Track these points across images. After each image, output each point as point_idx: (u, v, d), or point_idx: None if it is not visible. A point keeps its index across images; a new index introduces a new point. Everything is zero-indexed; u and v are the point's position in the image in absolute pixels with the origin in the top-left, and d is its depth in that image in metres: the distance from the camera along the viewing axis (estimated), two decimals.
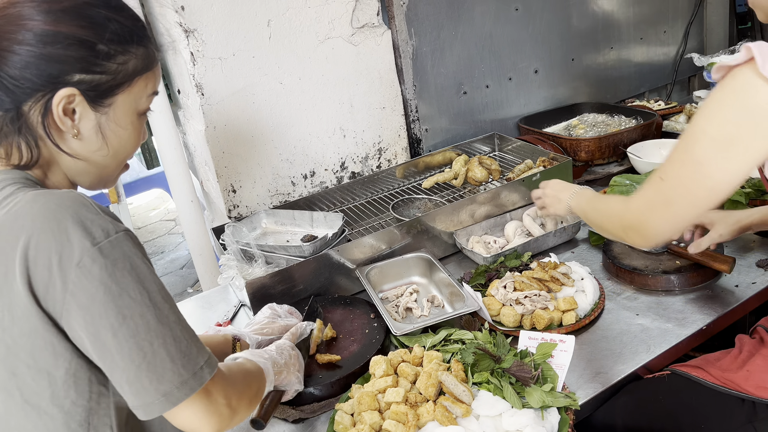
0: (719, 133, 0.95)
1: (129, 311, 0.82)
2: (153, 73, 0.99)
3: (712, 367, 1.19)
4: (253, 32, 1.81)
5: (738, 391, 1.13)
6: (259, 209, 1.96)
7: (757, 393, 1.11)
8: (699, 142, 0.97)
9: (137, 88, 0.96)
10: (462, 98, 2.29)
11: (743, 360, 1.17)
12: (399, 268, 1.69)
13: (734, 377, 1.15)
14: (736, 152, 0.94)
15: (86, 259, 0.80)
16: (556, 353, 1.28)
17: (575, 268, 1.55)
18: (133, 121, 0.98)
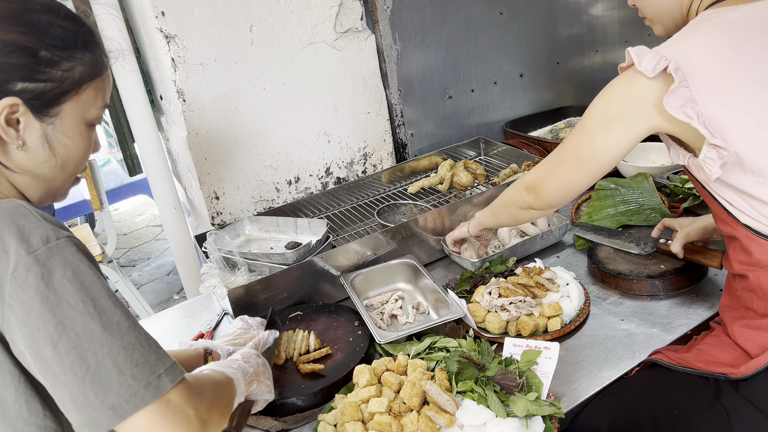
0: (605, 109, 1.14)
1: (69, 321, 0.77)
2: (102, 80, 0.95)
3: (669, 352, 1.26)
4: (235, 38, 1.79)
5: (691, 368, 1.18)
6: (242, 216, 1.94)
7: (707, 368, 1.16)
8: (590, 115, 1.18)
9: (86, 96, 0.92)
10: (447, 102, 2.28)
11: (694, 344, 1.25)
12: (384, 274, 1.68)
13: (686, 356, 1.21)
14: (616, 126, 1.13)
15: (21, 269, 0.76)
16: (540, 360, 1.27)
17: (560, 273, 1.55)
18: (81, 131, 0.94)
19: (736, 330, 1.16)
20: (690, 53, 1.05)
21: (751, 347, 1.12)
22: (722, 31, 1.08)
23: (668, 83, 1.05)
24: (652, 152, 2.09)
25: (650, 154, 2.09)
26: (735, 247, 1.17)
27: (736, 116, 1.04)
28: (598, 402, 1.24)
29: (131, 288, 3.10)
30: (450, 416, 1.13)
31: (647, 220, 1.73)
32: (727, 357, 1.15)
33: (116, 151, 2.43)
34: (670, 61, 1.03)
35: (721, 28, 1.08)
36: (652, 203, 1.79)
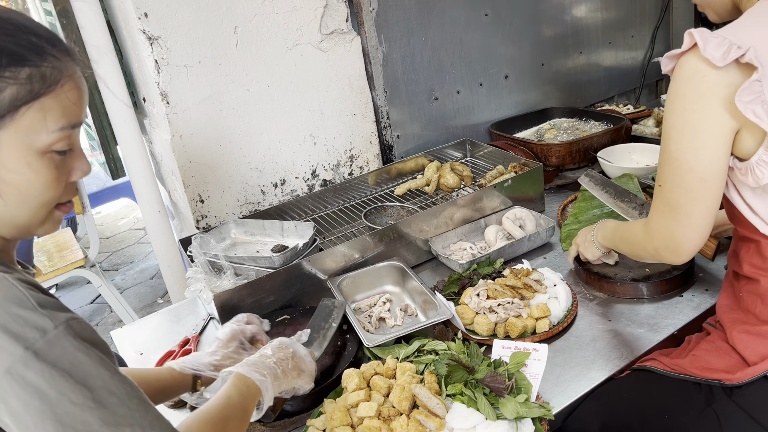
0: (683, 124, 1.01)
1: (69, 418, 0.71)
2: (54, 98, 0.79)
3: (663, 357, 1.23)
4: (219, 39, 1.77)
5: (686, 374, 1.16)
6: (228, 219, 1.92)
7: (702, 374, 1.14)
8: (670, 139, 1.03)
9: (27, 121, 0.77)
10: (433, 104, 2.28)
11: (690, 349, 1.22)
12: (372, 277, 1.67)
13: (681, 362, 1.19)
14: (704, 138, 0.99)
15: (18, 365, 0.70)
16: (529, 362, 1.27)
17: (548, 275, 1.55)
18: (31, 162, 0.78)
19: (736, 335, 1.13)
20: (764, 43, 0.95)
21: (749, 354, 1.10)
22: None
23: (741, 74, 0.96)
24: (635, 153, 2.10)
25: (633, 155, 2.10)
26: (749, 249, 1.12)
27: None
28: (588, 405, 1.24)
29: (114, 292, 3.06)
30: (440, 420, 1.13)
31: None
32: (723, 363, 1.14)
33: (98, 154, 2.39)
34: (749, 50, 0.93)
35: None
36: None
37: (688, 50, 0.99)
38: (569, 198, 1.97)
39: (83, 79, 0.84)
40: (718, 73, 0.96)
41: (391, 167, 2.15)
